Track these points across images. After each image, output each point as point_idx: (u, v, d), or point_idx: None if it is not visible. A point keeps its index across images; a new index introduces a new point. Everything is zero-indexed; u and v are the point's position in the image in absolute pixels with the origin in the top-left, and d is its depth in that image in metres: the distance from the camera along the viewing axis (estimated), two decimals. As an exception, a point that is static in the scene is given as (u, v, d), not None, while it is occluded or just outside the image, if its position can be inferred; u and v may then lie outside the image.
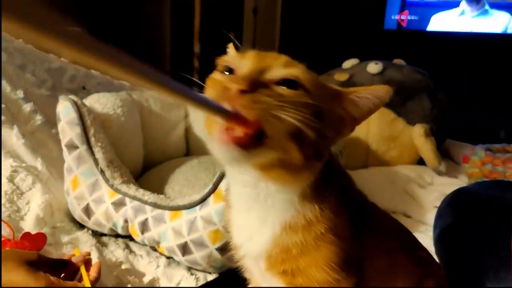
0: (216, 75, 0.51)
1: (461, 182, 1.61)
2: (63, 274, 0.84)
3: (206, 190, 0.93)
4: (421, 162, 1.81)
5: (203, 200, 0.93)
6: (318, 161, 0.51)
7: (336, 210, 0.55)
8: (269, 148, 0.45)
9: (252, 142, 0.44)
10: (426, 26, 2.57)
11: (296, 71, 0.48)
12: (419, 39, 2.67)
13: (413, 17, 2.59)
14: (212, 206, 0.91)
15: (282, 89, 0.46)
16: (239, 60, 0.50)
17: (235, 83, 0.43)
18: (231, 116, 0.42)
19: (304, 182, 0.52)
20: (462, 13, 2.48)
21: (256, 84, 0.44)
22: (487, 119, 2.54)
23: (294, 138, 0.45)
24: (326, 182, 0.55)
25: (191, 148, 1.57)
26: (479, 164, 1.57)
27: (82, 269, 0.83)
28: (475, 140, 1.84)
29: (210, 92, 0.46)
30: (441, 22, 2.54)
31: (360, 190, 0.65)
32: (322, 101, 0.48)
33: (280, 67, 0.48)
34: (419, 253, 0.72)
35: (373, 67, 1.83)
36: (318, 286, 0.55)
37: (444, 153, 1.91)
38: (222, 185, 0.90)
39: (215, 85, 0.46)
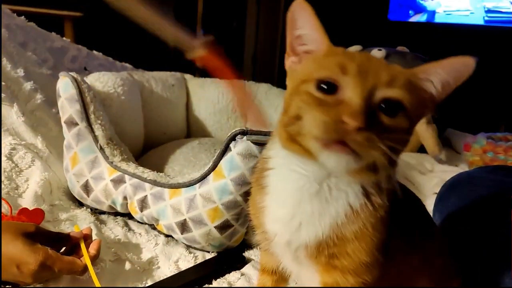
0: (313, 91, 0.48)
1: (461, 170, 1.60)
2: (63, 248, 0.84)
3: (206, 169, 0.93)
4: (422, 150, 1.80)
5: (202, 178, 0.92)
6: (398, 155, 0.51)
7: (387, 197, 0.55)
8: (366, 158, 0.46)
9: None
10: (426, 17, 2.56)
11: (398, 93, 0.48)
12: (423, 29, 2.65)
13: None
14: (212, 184, 0.91)
15: (386, 119, 0.47)
16: (341, 77, 0.47)
17: (351, 118, 0.43)
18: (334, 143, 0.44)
19: (385, 174, 0.51)
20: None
21: (369, 119, 0.44)
22: (488, 113, 2.53)
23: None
24: None
25: (192, 129, 1.56)
26: (481, 152, 1.56)
27: (82, 245, 0.82)
28: (475, 131, 1.83)
29: (314, 115, 0.46)
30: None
31: None
32: (412, 104, 0.49)
33: (384, 87, 0.47)
34: (431, 229, 0.73)
35: (377, 54, 1.82)
36: (360, 266, 0.55)
37: (445, 142, 1.90)
38: (223, 163, 0.90)
39: (320, 107, 0.46)
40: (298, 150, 0.49)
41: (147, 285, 0.84)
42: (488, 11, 2.51)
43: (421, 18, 2.69)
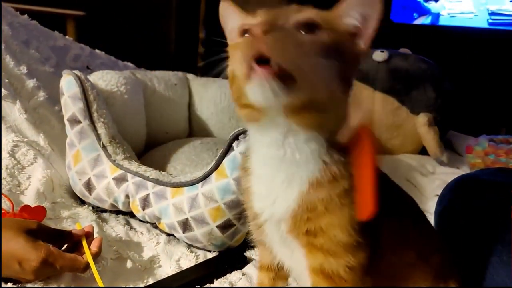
0: (236, 41, 0.53)
1: (463, 172, 1.60)
2: (65, 246, 0.84)
3: (209, 168, 0.93)
4: (423, 152, 1.80)
5: (205, 177, 0.92)
6: (345, 95, 0.52)
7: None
8: (300, 88, 0.46)
9: (284, 80, 0.45)
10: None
11: (310, 13, 0.50)
12: (428, 32, 2.65)
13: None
14: (214, 183, 0.91)
15: (302, 35, 0.48)
16: (252, 19, 0.51)
17: (255, 28, 0.45)
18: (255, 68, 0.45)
19: (334, 123, 0.53)
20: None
21: (277, 26, 0.46)
22: (489, 115, 2.53)
23: (320, 76, 0.47)
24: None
25: (194, 129, 1.56)
26: (482, 154, 1.56)
27: (84, 242, 0.82)
28: (477, 134, 1.83)
29: (236, 54, 0.48)
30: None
31: None
32: (334, 32, 0.50)
33: (293, 13, 0.49)
34: (427, 227, 0.73)
35: (379, 55, 1.82)
36: (338, 245, 0.56)
37: (446, 144, 1.90)
38: (225, 162, 0.90)
39: (239, 45, 0.48)
40: (248, 113, 0.52)
41: (148, 283, 0.84)
42: (492, 13, 2.51)
43: (425, 20, 2.69)
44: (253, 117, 0.52)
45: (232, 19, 0.59)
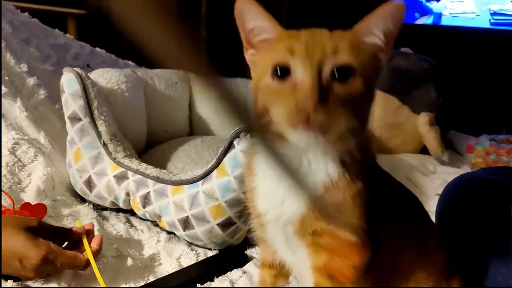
0: (270, 82, 0.52)
1: (464, 172, 1.60)
2: (66, 243, 0.84)
3: (209, 166, 0.92)
4: (424, 151, 1.80)
5: (206, 175, 0.92)
6: (367, 117, 0.54)
7: (367, 174, 0.57)
8: (335, 131, 0.49)
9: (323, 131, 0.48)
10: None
11: (344, 58, 0.50)
12: (430, 31, 2.65)
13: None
14: (215, 181, 0.91)
15: (340, 86, 0.49)
16: (291, 59, 0.50)
17: (307, 99, 0.46)
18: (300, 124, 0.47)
19: (355, 141, 0.54)
20: None
21: (322, 94, 0.47)
22: (490, 115, 2.53)
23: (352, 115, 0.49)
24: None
25: (195, 127, 1.56)
26: (483, 154, 1.56)
27: (84, 240, 0.82)
28: (478, 133, 1.82)
29: (278, 107, 0.49)
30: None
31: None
32: (362, 62, 0.51)
33: (330, 58, 0.50)
34: (430, 226, 0.74)
35: (380, 54, 1.81)
36: (345, 245, 0.56)
37: (447, 144, 1.90)
38: (226, 160, 0.90)
39: (280, 98, 0.49)
40: (273, 136, 0.52)
41: (149, 281, 0.84)
42: (494, 13, 2.51)
43: (427, 20, 2.69)
44: (275, 138, 0.52)
45: (252, 19, 0.56)
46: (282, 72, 0.50)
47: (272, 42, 0.55)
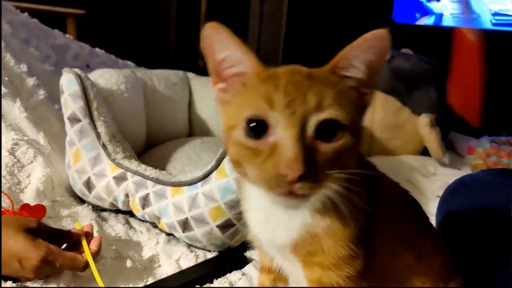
0: (243, 139, 0.46)
1: (464, 173, 1.59)
2: (65, 245, 0.84)
3: (209, 167, 0.92)
4: (425, 152, 1.80)
5: (205, 176, 0.92)
6: (356, 155, 0.50)
7: (358, 185, 0.52)
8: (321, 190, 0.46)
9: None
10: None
11: (329, 113, 0.45)
12: (431, 32, 2.65)
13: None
14: (214, 182, 0.90)
15: (326, 146, 0.45)
16: (269, 113, 0.45)
17: (289, 170, 0.42)
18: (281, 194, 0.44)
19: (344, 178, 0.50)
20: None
21: (308, 162, 0.43)
22: (491, 116, 2.52)
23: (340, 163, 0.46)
24: None
25: (194, 128, 1.56)
26: (484, 155, 1.55)
27: (83, 241, 0.82)
28: (479, 135, 1.82)
29: (254, 170, 0.45)
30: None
31: (369, 161, 0.64)
32: (346, 107, 0.46)
33: (314, 115, 0.45)
34: (427, 228, 0.72)
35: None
36: (338, 260, 0.55)
37: (448, 145, 1.90)
38: (226, 162, 0.90)
39: (256, 160, 0.45)
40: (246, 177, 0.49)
41: (148, 283, 0.84)
42: (495, 14, 2.50)
43: (428, 21, 2.68)
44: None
45: (223, 49, 0.50)
46: (258, 128, 0.45)
47: (246, 81, 0.49)
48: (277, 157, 0.43)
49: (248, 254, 0.98)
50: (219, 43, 0.49)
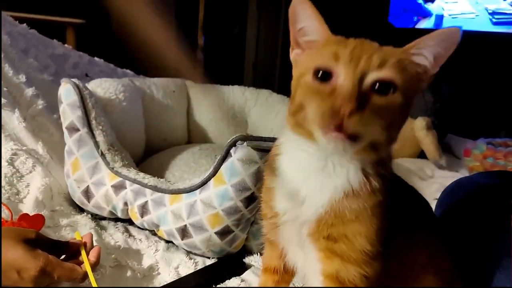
0: (310, 81, 0.53)
1: (461, 175, 1.60)
2: (63, 256, 0.84)
3: (206, 175, 0.93)
4: (422, 155, 1.80)
5: (203, 183, 0.92)
6: (396, 135, 0.55)
7: (388, 184, 0.58)
8: (365, 141, 0.50)
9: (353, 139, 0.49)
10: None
11: (388, 73, 0.51)
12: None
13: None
14: (212, 190, 0.91)
15: (379, 99, 0.50)
16: (335, 65, 0.51)
17: (344, 103, 0.47)
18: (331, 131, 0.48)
19: (379, 155, 0.55)
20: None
21: (360, 102, 0.48)
22: (488, 118, 2.53)
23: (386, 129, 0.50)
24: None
25: (193, 135, 1.57)
26: (481, 157, 1.56)
27: (83, 252, 0.82)
28: (475, 137, 1.83)
29: (314, 106, 0.50)
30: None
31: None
32: (405, 80, 0.51)
33: (374, 70, 0.50)
34: (439, 231, 0.74)
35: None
36: (360, 254, 0.57)
37: (445, 148, 1.90)
38: (223, 169, 0.90)
39: (318, 98, 0.50)
40: (304, 133, 0.54)
41: (147, 291, 0.84)
42: (494, 13, 2.50)
43: (428, 24, 2.68)
44: (307, 136, 0.54)
45: (304, 19, 0.57)
46: (324, 75, 0.51)
47: (318, 45, 0.56)
48: (335, 95, 0.49)
49: (247, 260, 0.99)
50: (302, 13, 0.57)
